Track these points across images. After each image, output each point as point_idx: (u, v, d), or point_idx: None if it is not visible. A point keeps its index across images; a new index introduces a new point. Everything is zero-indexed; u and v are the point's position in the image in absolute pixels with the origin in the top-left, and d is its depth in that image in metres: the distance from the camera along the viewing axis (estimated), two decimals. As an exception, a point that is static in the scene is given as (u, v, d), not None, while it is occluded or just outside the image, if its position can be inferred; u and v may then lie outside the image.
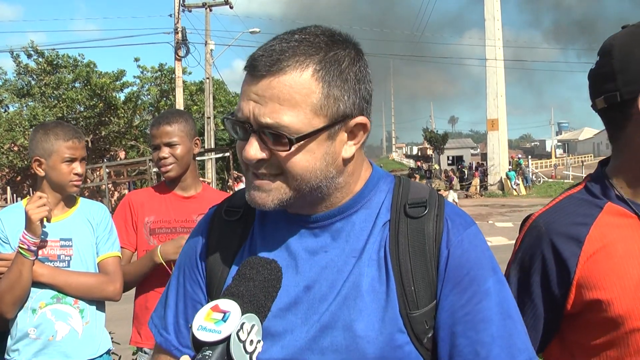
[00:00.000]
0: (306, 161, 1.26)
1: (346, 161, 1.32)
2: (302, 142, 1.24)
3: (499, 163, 34.64)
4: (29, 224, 2.68)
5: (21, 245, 2.69)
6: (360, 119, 1.30)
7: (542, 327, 1.62)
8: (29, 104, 31.48)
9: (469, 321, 1.28)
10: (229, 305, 1.11)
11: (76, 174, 2.90)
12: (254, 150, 1.26)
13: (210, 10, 30.39)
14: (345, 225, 1.36)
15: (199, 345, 1.09)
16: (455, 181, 38.44)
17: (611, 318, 1.50)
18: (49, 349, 2.83)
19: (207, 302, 1.37)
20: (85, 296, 2.89)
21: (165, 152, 3.18)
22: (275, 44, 1.26)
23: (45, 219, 2.74)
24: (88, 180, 28.36)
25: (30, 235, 2.68)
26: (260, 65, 1.24)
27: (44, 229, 2.80)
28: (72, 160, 2.88)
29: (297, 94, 1.22)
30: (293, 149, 1.24)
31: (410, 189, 1.39)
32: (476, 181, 37.76)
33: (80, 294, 2.87)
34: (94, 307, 2.94)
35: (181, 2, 27.82)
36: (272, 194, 1.29)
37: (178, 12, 27.26)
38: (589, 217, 1.58)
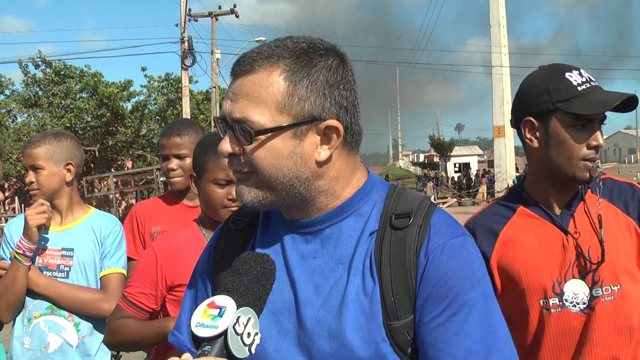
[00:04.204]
0: (271, 157, 1.31)
1: (321, 164, 1.35)
2: (263, 136, 1.30)
3: (505, 170, 34.51)
4: (26, 229, 2.69)
5: (17, 250, 2.70)
6: (330, 122, 1.33)
7: None
8: (37, 114, 31.63)
9: (441, 333, 1.26)
10: (224, 300, 1.16)
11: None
12: (226, 144, 1.34)
13: (216, 19, 30.53)
14: (333, 232, 1.38)
15: (198, 342, 1.13)
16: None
17: (519, 291, 2.01)
18: None
19: None
20: (78, 311, 2.86)
21: (174, 163, 3.16)
22: (256, 48, 1.35)
23: (44, 227, 2.74)
24: (96, 190, 28.43)
25: (27, 240, 2.68)
26: (238, 67, 1.33)
27: (44, 236, 2.81)
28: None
29: (264, 91, 1.30)
30: (255, 143, 1.30)
31: (402, 199, 1.39)
32: (483, 188, 37.68)
33: (73, 308, 2.84)
34: (92, 323, 2.89)
35: (187, 11, 27.95)
36: (248, 188, 1.36)
37: (184, 22, 27.39)
38: (505, 217, 2.11)
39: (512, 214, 2.11)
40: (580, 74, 2.01)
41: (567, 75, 2.00)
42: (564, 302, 1.98)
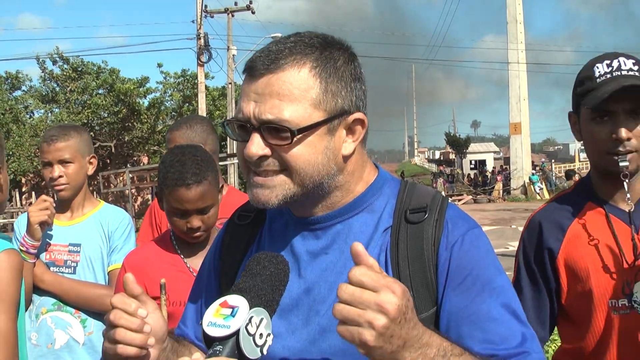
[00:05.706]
0: (308, 154, 1.30)
1: (346, 158, 1.35)
2: (303, 134, 1.28)
3: (522, 167, 34.28)
4: (28, 226, 2.68)
5: (21, 248, 2.68)
6: (357, 115, 1.34)
7: (549, 305, 2.02)
8: (54, 110, 31.82)
9: (474, 321, 1.28)
10: (237, 300, 1.15)
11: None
12: (255, 147, 1.30)
13: (232, 15, 30.54)
14: (344, 228, 1.38)
15: (210, 341, 1.12)
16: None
17: (586, 291, 1.92)
18: (48, 357, 2.80)
19: None
20: (85, 307, 2.84)
21: None
22: (272, 46, 1.32)
23: (46, 224, 2.73)
24: (112, 185, 28.60)
25: (29, 237, 2.67)
26: (259, 65, 1.29)
27: (49, 232, 2.80)
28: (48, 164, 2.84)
29: (296, 89, 1.27)
30: (295, 141, 1.28)
31: (415, 194, 1.40)
32: (499, 185, 37.44)
33: (79, 304, 2.83)
34: (99, 319, 2.85)
35: (203, 8, 27.99)
36: (276, 190, 1.32)
37: (200, 18, 27.43)
38: (573, 212, 2.01)
39: (579, 209, 2.01)
40: (610, 64, 1.92)
41: (596, 66, 1.94)
42: (633, 303, 1.88)
